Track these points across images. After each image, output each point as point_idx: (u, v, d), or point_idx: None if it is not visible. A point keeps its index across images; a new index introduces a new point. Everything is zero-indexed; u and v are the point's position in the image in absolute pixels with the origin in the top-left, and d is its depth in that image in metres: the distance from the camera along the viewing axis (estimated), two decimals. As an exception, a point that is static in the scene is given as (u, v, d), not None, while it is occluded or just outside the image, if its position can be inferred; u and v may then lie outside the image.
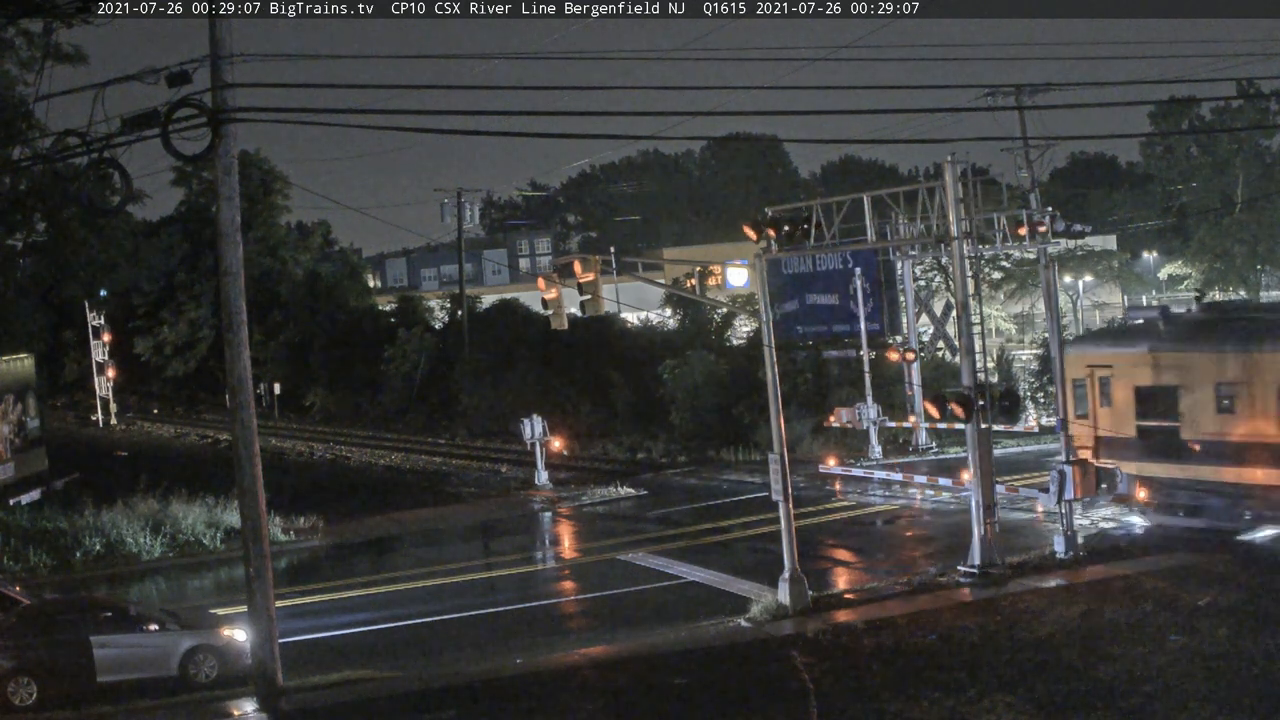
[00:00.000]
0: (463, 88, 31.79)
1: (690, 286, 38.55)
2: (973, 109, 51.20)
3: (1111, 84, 52.86)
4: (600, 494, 42.33)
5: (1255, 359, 27.43)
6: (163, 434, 76.03)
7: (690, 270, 30.04)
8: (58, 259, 54.75)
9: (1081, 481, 27.09)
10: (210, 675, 22.13)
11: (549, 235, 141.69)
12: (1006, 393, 26.55)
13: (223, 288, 20.50)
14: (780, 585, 24.73)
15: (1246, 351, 27.78)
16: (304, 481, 48.85)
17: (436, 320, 75.59)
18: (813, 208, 28.04)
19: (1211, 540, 27.31)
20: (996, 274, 70.07)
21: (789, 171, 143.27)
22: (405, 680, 21.75)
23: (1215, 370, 28.17)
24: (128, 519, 35.63)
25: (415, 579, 30.58)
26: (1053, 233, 33.06)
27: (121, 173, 20.06)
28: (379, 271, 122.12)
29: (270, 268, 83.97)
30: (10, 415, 42.09)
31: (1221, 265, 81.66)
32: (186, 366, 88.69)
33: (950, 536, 30.68)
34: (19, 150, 39.16)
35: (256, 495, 20.46)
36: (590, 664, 21.99)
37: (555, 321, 29.99)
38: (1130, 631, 21.24)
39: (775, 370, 25.81)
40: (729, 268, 54.95)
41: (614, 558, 31.68)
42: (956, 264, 27.48)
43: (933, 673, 19.78)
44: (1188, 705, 17.46)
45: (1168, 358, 29.28)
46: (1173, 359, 29.19)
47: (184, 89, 19.06)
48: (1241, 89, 78.76)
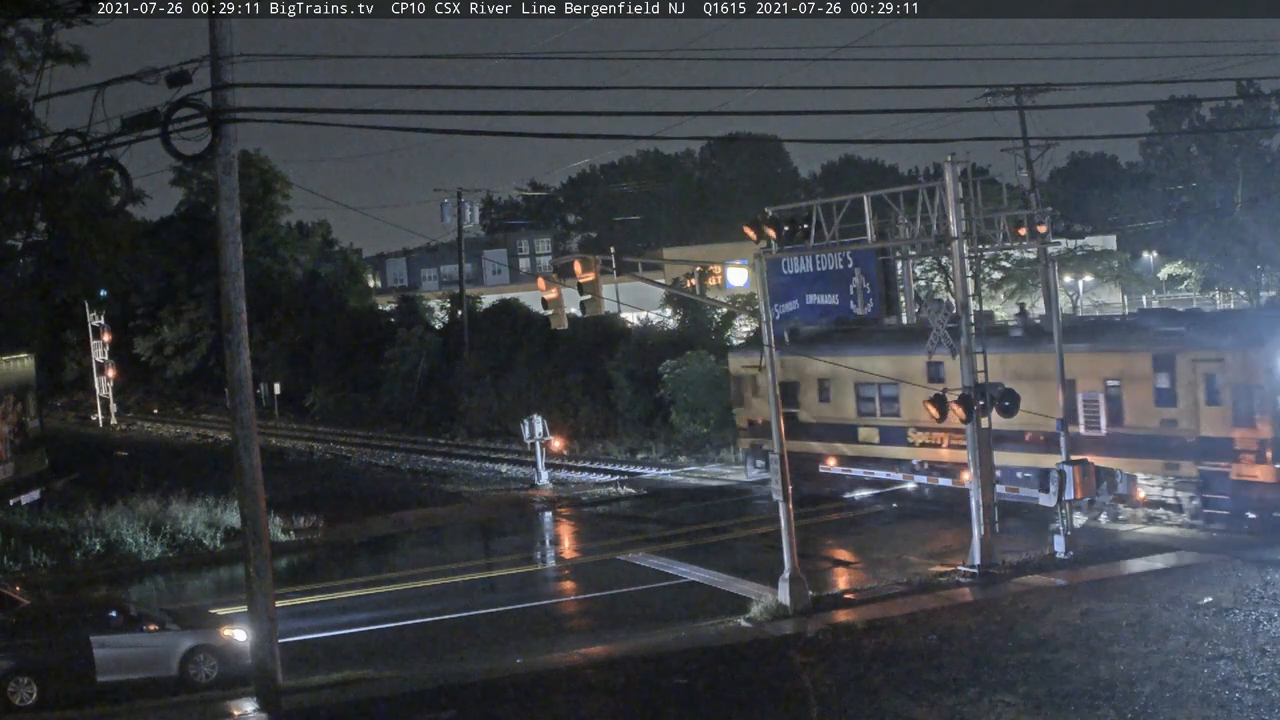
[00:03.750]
0: (463, 88, 31.85)
1: (690, 286, 38.60)
2: (973, 109, 51.22)
3: (1111, 84, 52.96)
4: (600, 494, 42.34)
5: (844, 362, 35.26)
6: (163, 434, 76.05)
7: (690, 270, 30.09)
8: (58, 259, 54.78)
9: (1081, 482, 27.13)
10: (210, 675, 22.14)
11: (549, 235, 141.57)
12: (1006, 393, 26.58)
13: (223, 288, 20.49)
14: (780, 585, 24.74)
15: (836, 356, 36.08)
16: (304, 481, 48.86)
17: (436, 320, 75.59)
18: (813, 208, 28.03)
19: None
20: (996, 274, 70.06)
21: (789, 171, 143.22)
22: (405, 680, 21.75)
23: (815, 371, 37.37)
24: (128, 519, 35.64)
25: (415, 579, 30.59)
26: (1053, 233, 33.09)
27: (121, 173, 20.11)
28: (379, 271, 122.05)
29: (270, 268, 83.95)
30: (10, 415, 42.07)
31: (1221, 265, 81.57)
32: (186, 366, 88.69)
33: (950, 536, 30.70)
34: (19, 150, 39.17)
35: (256, 495, 20.46)
36: (590, 664, 21.99)
37: (555, 321, 29.97)
38: (1131, 631, 21.25)
39: (775, 370, 25.82)
40: (729, 268, 55.19)
41: (614, 558, 31.69)
42: (956, 264, 27.47)
43: (933, 673, 19.78)
44: (1187, 705, 17.47)
45: (790, 361, 37.06)
46: (794, 362, 37.51)
47: (184, 89, 19.08)
48: (1241, 89, 78.72)
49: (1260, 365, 27.48)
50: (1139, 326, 31.71)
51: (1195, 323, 31.25)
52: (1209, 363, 28.49)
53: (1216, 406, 28.35)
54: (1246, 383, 27.86)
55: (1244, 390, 27.88)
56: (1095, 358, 27.56)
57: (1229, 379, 28.12)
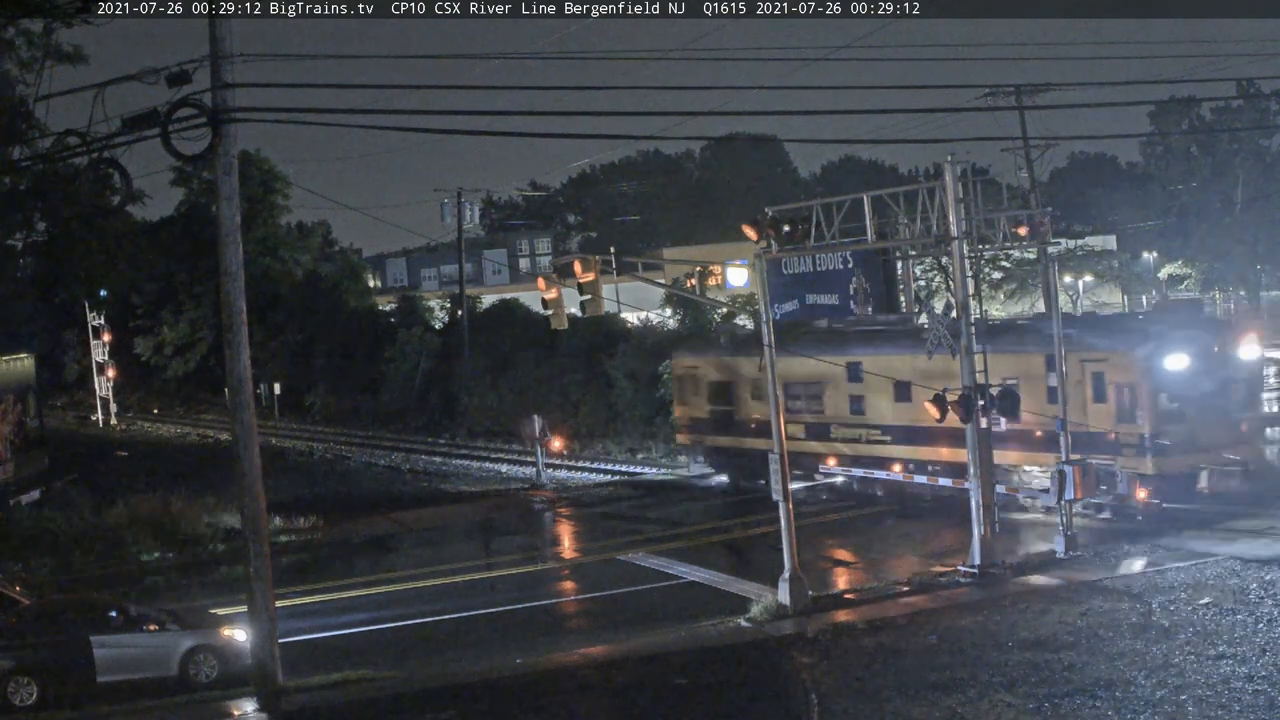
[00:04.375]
0: (463, 88, 31.87)
1: (690, 286, 38.66)
2: (973, 109, 51.26)
3: (1111, 84, 52.92)
4: (600, 494, 42.34)
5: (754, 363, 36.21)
6: (163, 434, 76.05)
7: (690, 270, 30.11)
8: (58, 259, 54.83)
9: (1082, 482, 27.15)
10: (210, 675, 22.14)
11: (549, 235, 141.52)
12: (1005, 392, 26.58)
13: (223, 288, 20.49)
14: (780, 585, 24.74)
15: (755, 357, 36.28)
16: (304, 481, 48.86)
17: (437, 320, 75.59)
18: (813, 208, 28.02)
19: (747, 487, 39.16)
20: (996, 274, 70.10)
21: (789, 171, 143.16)
22: (405, 680, 21.74)
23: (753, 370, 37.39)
24: (128, 519, 35.61)
25: (415, 579, 30.57)
26: (1053, 233, 33.27)
27: (121, 173, 20.10)
28: (379, 271, 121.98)
29: (270, 268, 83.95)
30: (10, 415, 42.06)
31: (1221, 265, 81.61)
32: (186, 366, 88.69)
33: (950, 536, 30.71)
34: (19, 150, 39.21)
35: (256, 495, 20.47)
36: (590, 664, 21.98)
37: (555, 321, 29.97)
38: (1131, 631, 21.25)
39: (775, 370, 25.81)
40: (729, 268, 55.08)
41: (614, 558, 31.69)
42: (956, 264, 27.45)
43: (933, 673, 19.78)
44: (1187, 705, 17.47)
45: (728, 362, 40.35)
46: (732, 364, 40.18)
47: (184, 89, 19.08)
48: (1241, 89, 78.75)
49: (1141, 366, 29.07)
50: (1034, 329, 33.02)
51: (1085, 325, 33.61)
52: (1095, 363, 30.31)
53: (1102, 404, 30.29)
54: (1129, 382, 29.76)
55: (1127, 389, 29.83)
56: (996, 358, 28.60)
57: (1113, 378, 30.02)
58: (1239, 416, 30.47)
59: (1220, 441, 29.66)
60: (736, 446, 39.98)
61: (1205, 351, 30.20)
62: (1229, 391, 30.32)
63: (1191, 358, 29.67)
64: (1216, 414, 29.82)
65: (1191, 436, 29.42)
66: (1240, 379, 30.92)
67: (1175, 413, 29.53)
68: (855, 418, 36.02)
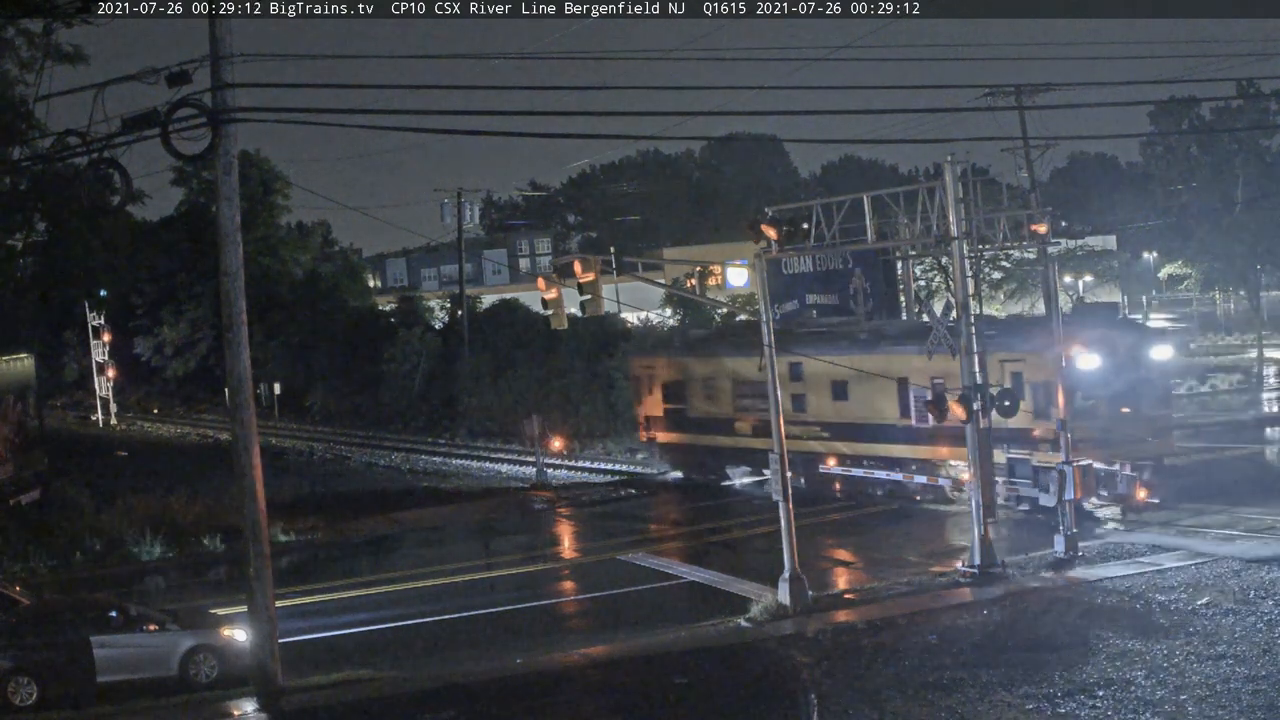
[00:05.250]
0: (463, 88, 31.87)
1: (690, 286, 38.62)
2: (973, 109, 51.11)
3: (1111, 84, 52.91)
4: (600, 494, 42.33)
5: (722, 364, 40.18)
6: (162, 434, 76.05)
7: (690, 270, 30.09)
8: (58, 259, 54.87)
9: (1082, 482, 27.16)
10: (210, 675, 22.11)
11: (549, 235, 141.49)
12: (1005, 393, 26.59)
13: (223, 288, 20.49)
14: (780, 585, 24.73)
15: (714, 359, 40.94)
16: (304, 481, 48.85)
17: (437, 320, 75.62)
18: (813, 208, 28.05)
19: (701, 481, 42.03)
20: (996, 274, 70.08)
21: (789, 171, 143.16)
22: (405, 680, 21.74)
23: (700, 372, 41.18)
24: (128, 519, 35.60)
25: (415, 579, 30.56)
26: (1052, 233, 33.38)
27: (121, 173, 20.05)
28: (379, 271, 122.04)
29: (270, 268, 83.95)
30: (10, 415, 42.02)
31: (1221, 265, 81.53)
32: (186, 366, 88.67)
33: (950, 536, 30.70)
34: (19, 150, 39.21)
35: (256, 495, 20.46)
36: (590, 664, 21.99)
37: (555, 321, 29.94)
38: (1131, 630, 21.26)
39: (775, 370, 25.80)
40: (729, 268, 55.02)
41: (614, 558, 31.68)
42: (956, 264, 27.47)
43: (933, 673, 19.78)
44: (1187, 705, 17.47)
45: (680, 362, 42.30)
46: (683, 363, 42.15)
47: (184, 89, 19.07)
48: (1241, 89, 78.62)
49: (1055, 365, 29.43)
50: None
51: (1006, 327, 34.89)
52: (1014, 363, 31.49)
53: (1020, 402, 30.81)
54: (1045, 381, 30.57)
55: (1042, 388, 30.79)
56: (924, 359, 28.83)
57: (1030, 377, 31.15)
58: (1151, 415, 32.12)
59: (1133, 438, 31.18)
60: (688, 443, 42.29)
61: (1117, 352, 31.45)
62: (1141, 391, 31.94)
63: (1104, 358, 30.56)
64: (1130, 412, 31.61)
65: (1105, 433, 30.77)
66: (1154, 379, 32.63)
67: (1089, 409, 30.87)
68: (797, 414, 36.83)
